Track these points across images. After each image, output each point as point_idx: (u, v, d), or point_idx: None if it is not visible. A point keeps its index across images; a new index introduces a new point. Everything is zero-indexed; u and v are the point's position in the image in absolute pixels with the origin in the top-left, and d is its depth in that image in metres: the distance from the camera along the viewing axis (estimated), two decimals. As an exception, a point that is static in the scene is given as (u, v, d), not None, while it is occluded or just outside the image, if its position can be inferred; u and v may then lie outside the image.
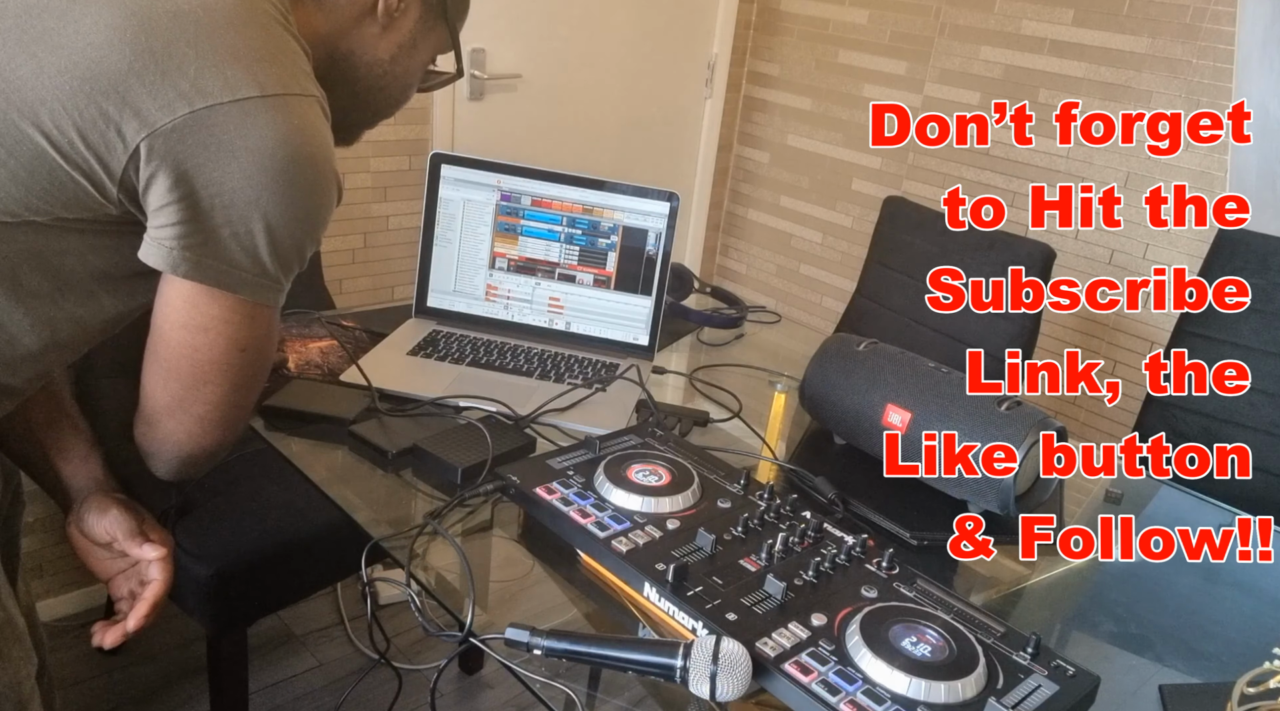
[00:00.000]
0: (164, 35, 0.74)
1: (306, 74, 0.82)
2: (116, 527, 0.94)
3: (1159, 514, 1.32)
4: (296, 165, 0.78)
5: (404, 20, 0.92)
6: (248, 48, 0.77)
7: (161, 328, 0.83)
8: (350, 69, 0.91)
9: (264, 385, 0.92)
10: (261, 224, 0.79)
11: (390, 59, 0.93)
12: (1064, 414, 2.54)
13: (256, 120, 0.76)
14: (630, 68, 2.85)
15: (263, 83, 0.76)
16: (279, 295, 0.85)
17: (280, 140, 0.77)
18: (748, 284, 3.31)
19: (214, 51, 0.75)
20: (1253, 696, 0.86)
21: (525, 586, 1.00)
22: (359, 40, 0.90)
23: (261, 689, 1.95)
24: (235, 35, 0.77)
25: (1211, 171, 2.21)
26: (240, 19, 0.78)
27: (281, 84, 0.78)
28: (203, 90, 0.74)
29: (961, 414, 1.12)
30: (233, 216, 0.78)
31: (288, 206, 0.79)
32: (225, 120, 0.75)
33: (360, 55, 0.91)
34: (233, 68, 0.76)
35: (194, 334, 0.82)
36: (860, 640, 0.83)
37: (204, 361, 0.84)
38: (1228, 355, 1.69)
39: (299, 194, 0.79)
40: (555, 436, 1.24)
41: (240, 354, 0.85)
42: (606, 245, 1.51)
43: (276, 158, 0.77)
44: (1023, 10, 2.47)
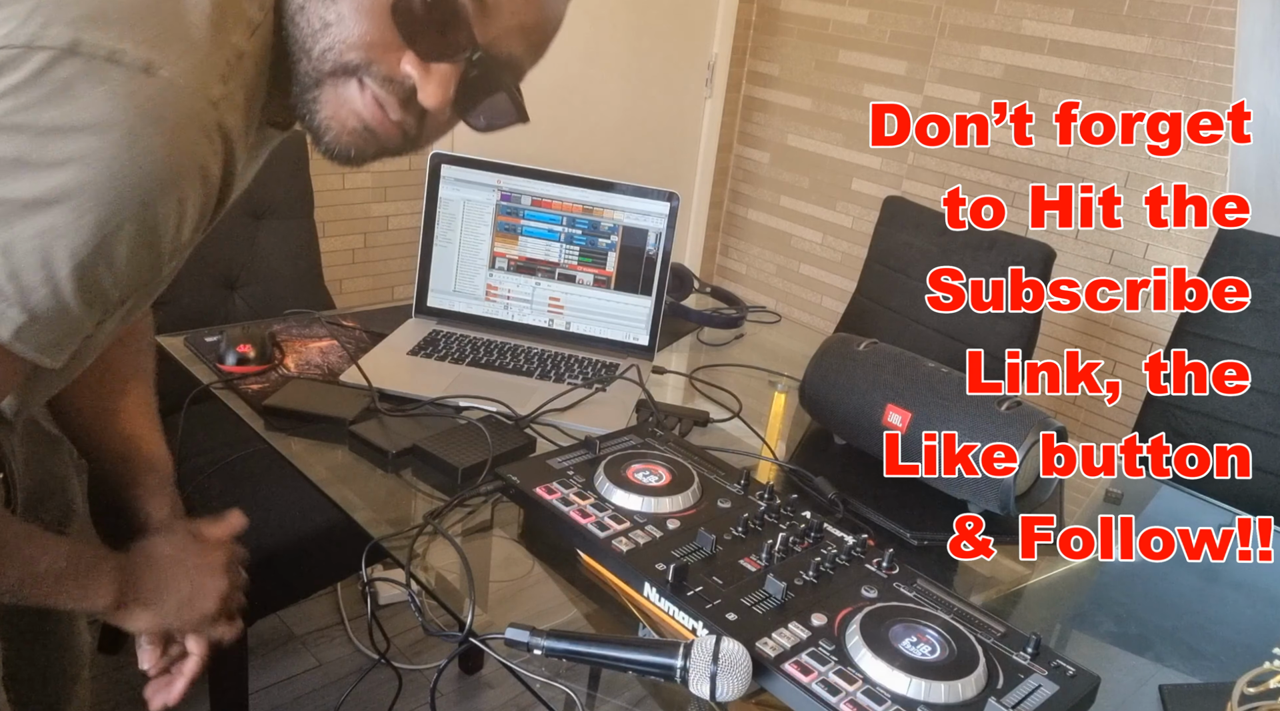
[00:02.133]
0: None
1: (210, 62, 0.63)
2: None
3: (1159, 514, 1.32)
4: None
5: None
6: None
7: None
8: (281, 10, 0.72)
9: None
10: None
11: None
12: (1064, 414, 2.54)
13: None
14: (630, 68, 2.85)
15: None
16: (11, 325, 0.62)
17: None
18: (748, 284, 3.31)
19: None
20: (1253, 696, 0.86)
21: (525, 586, 1.00)
22: None
23: (261, 689, 1.95)
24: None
25: (1211, 171, 2.21)
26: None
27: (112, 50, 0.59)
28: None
29: (961, 414, 1.12)
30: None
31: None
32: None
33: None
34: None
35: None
36: (860, 640, 0.83)
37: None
38: (1228, 355, 1.69)
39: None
40: (555, 436, 1.24)
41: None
42: (606, 245, 1.51)
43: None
44: (1023, 10, 2.47)
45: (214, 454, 1.67)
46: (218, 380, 1.30)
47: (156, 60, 0.60)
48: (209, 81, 0.63)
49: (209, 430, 1.70)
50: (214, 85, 0.64)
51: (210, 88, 0.63)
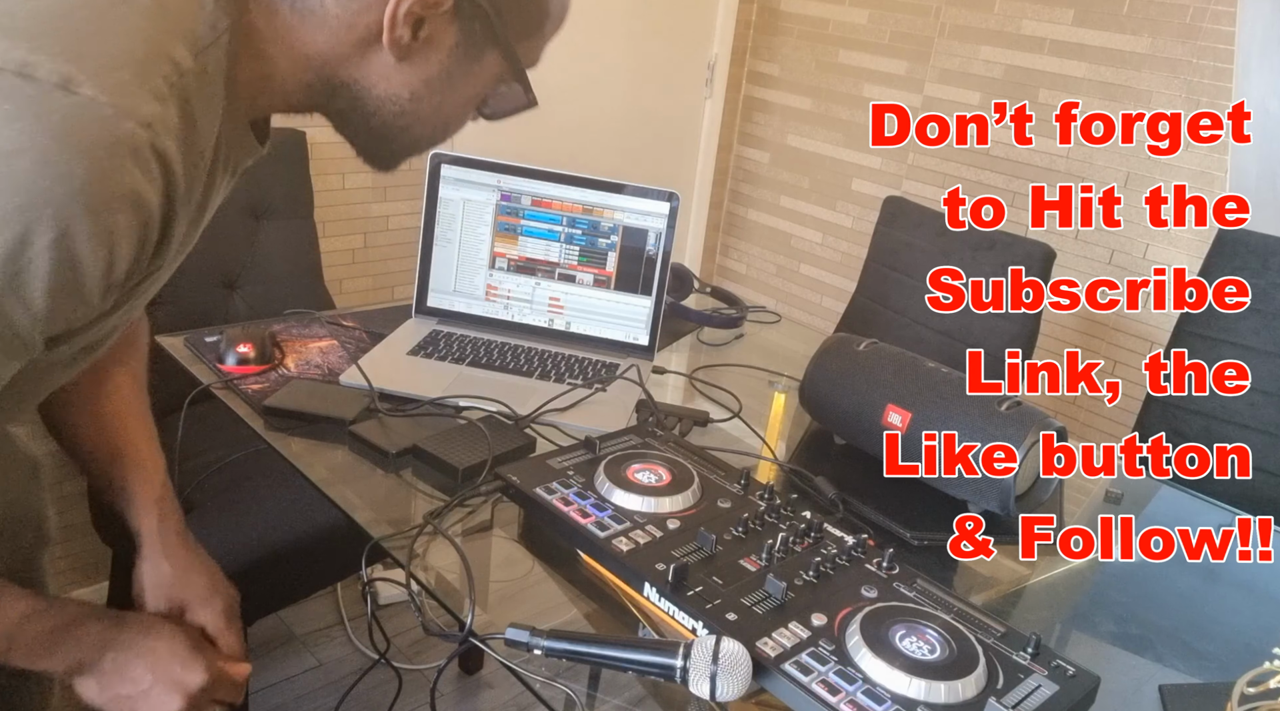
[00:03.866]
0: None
1: (136, 75, 0.58)
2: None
3: (1159, 514, 1.32)
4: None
5: (429, 52, 0.71)
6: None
7: None
8: (357, 102, 0.73)
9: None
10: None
11: (411, 96, 0.72)
12: (1064, 414, 2.54)
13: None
14: (630, 68, 2.85)
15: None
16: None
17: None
18: (748, 284, 3.31)
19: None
20: (1253, 696, 0.86)
21: (525, 586, 1.00)
22: (364, 71, 0.71)
23: (261, 689, 1.95)
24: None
25: (1211, 171, 2.21)
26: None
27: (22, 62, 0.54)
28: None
29: (961, 414, 1.12)
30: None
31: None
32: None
33: (368, 88, 0.72)
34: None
35: None
36: (860, 640, 0.83)
37: None
38: (1228, 355, 1.69)
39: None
40: (555, 436, 1.24)
41: None
42: (606, 245, 1.51)
43: None
44: (1023, 10, 2.47)
45: (214, 454, 1.67)
46: (218, 380, 1.30)
47: (76, 76, 0.54)
48: (139, 100, 0.57)
49: (209, 430, 1.70)
50: (145, 104, 0.57)
51: (139, 107, 0.57)
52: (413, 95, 0.73)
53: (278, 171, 2.00)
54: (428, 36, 0.70)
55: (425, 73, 0.72)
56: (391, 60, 0.70)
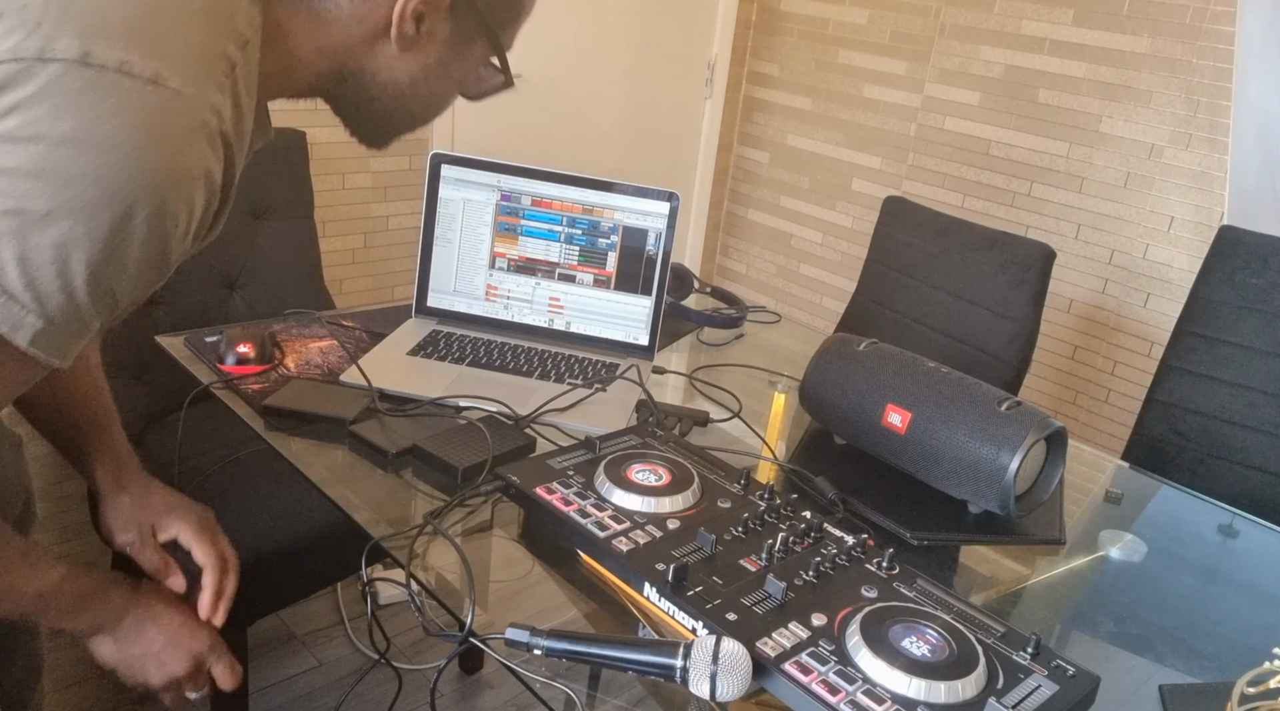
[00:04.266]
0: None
1: (205, 68, 0.66)
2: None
3: (1159, 513, 1.32)
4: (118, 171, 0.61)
5: (428, 43, 0.80)
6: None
7: None
8: (361, 88, 0.81)
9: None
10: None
11: (411, 82, 0.81)
12: (1064, 414, 2.54)
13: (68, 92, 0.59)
14: (630, 68, 2.85)
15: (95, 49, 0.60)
16: (29, 331, 0.63)
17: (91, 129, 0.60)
18: (748, 284, 3.31)
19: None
20: (1253, 696, 0.86)
21: (525, 586, 1.00)
22: (371, 59, 0.79)
23: (261, 689, 1.95)
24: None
25: (1211, 171, 2.21)
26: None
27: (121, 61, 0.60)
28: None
29: (961, 414, 1.12)
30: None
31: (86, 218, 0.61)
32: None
33: (373, 75, 0.80)
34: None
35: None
36: (860, 640, 0.83)
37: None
38: (1228, 355, 1.69)
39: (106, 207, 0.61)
40: (555, 436, 1.24)
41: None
42: (606, 245, 1.51)
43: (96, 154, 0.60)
44: (1023, 10, 2.47)
45: (214, 454, 1.67)
46: (218, 380, 1.30)
47: (163, 72, 0.62)
48: (210, 91, 0.65)
49: (209, 430, 1.70)
50: (214, 95, 0.66)
51: (211, 97, 0.65)
52: (412, 81, 0.82)
53: (278, 171, 2.00)
54: (428, 30, 0.79)
55: (424, 61, 0.81)
56: (395, 51, 0.79)
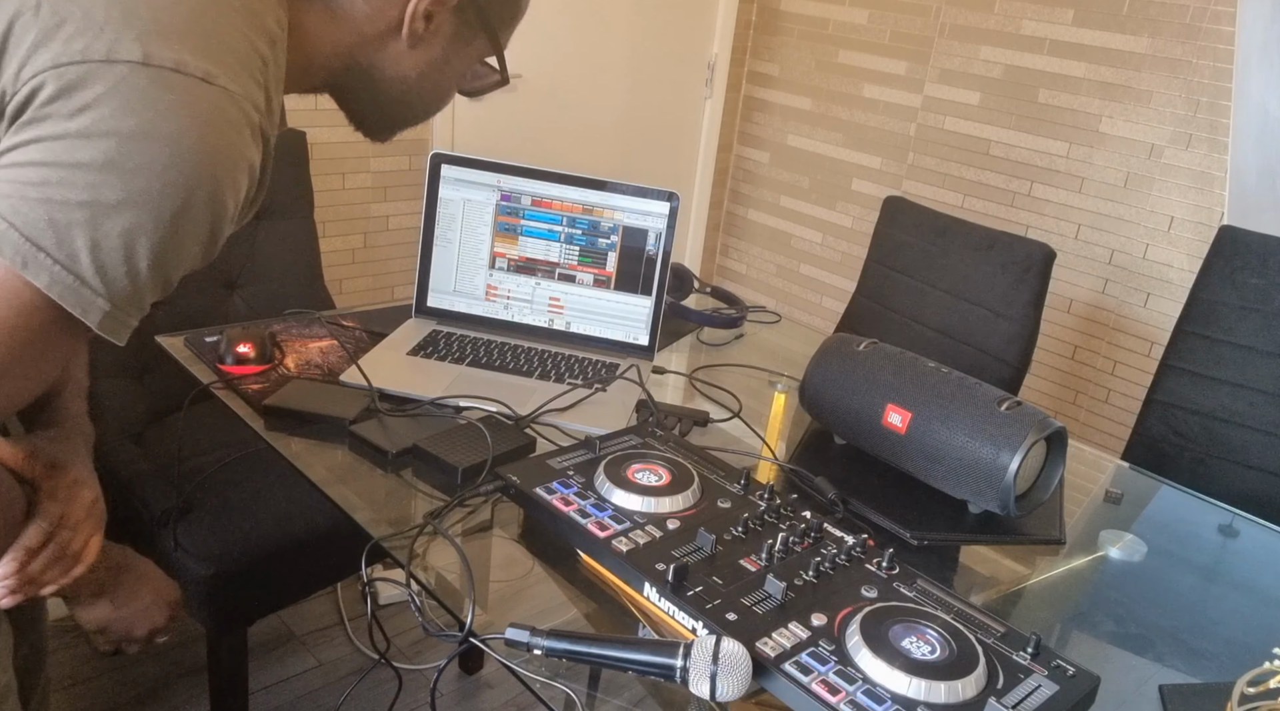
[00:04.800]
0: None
1: (243, 64, 0.70)
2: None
3: (1159, 513, 1.32)
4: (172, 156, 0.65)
5: (434, 38, 0.85)
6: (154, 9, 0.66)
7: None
8: (370, 82, 0.86)
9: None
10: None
11: (418, 76, 0.86)
12: (1064, 414, 2.54)
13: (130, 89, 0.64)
14: (630, 68, 2.85)
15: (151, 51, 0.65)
16: (99, 314, 0.66)
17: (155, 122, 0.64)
18: (748, 284, 3.31)
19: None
20: (1253, 696, 0.86)
21: (525, 586, 1.00)
22: (381, 55, 0.84)
23: (261, 689, 1.95)
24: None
25: (1211, 171, 2.21)
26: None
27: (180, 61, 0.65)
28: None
29: (961, 414, 1.12)
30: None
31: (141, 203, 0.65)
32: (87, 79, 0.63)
33: (382, 69, 0.85)
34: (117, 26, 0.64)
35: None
36: (860, 640, 0.83)
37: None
38: (1228, 355, 1.69)
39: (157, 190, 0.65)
40: (555, 436, 1.24)
41: None
42: (606, 245, 1.51)
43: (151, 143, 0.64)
44: (1023, 10, 2.47)
45: (214, 454, 1.67)
46: (218, 380, 1.30)
47: (213, 70, 0.67)
48: (251, 88, 0.70)
49: (209, 430, 1.71)
50: (255, 91, 0.71)
51: (254, 93, 0.70)
52: (419, 75, 0.86)
53: (278, 171, 2.00)
54: (435, 27, 0.83)
55: (429, 56, 0.85)
56: (404, 47, 0.83)
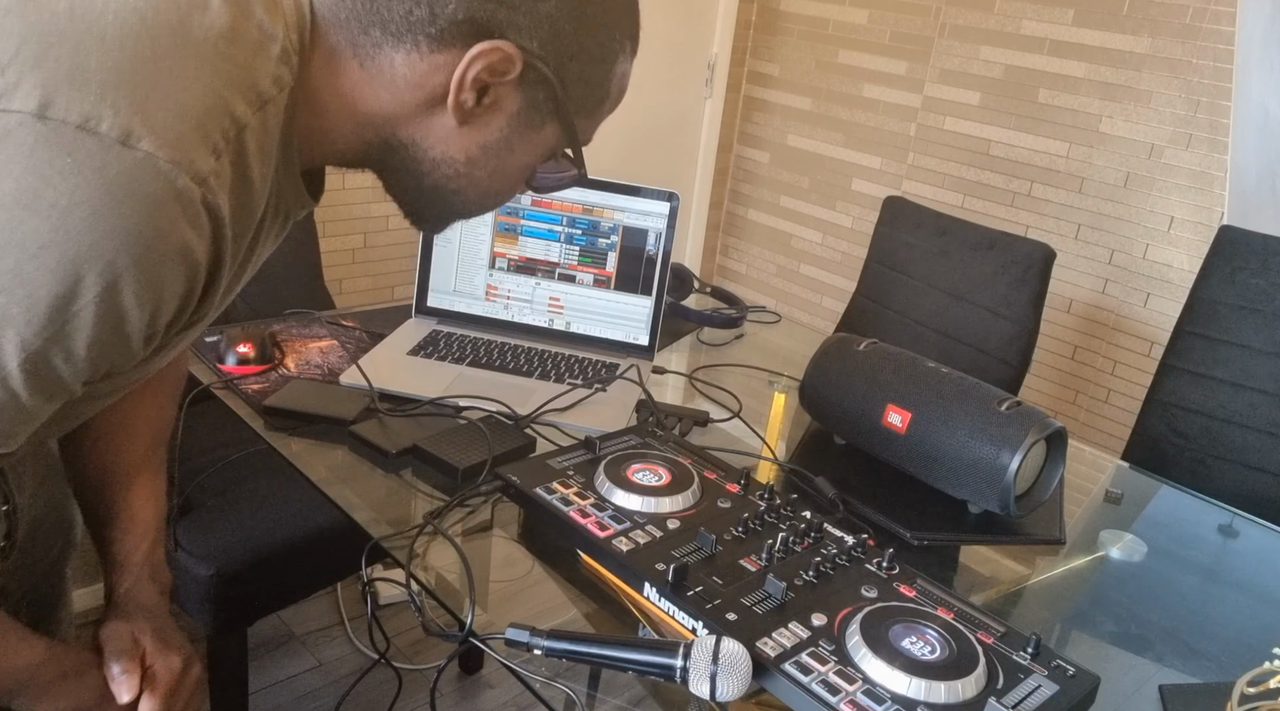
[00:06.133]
0: None
1: (201, 130, 0.58)
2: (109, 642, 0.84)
3: (1159, 513, 1.32)
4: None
5: (491, 118, 0.71)
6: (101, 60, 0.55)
7: None
8: (411, 162, 0.73)
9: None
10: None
11: (467, 161, 0.72)
12: (1064, 414, 2.54)
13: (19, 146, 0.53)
14: (630, 68, 2.85)
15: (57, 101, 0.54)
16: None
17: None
18: (748, 284, 3.31)
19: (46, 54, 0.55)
20: (1253, 696, 0.86)
21: (525, 586, 1.00)
22: (424, 132, 0.71)
23: (261, 689, 1.95)
24: (104, 47, 0.55)
25: (1211, 171, 2.21)
26: (133, 32, 0.56)
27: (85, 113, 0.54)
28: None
29: (961, 414, 1.12)
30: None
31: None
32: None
33: (426, 150, 0.72)
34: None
35: None
36: (860, 640, 0.83)
37: None
38: (1228, 355, 1.69)
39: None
40: (555, 436, 1.24)
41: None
42: (606, 245, 1.51)
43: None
44: (1023, 10, 2.47)
45: (214, 454, 1.67)
46: (218, 380, 1.30)
47: (136, 130, 0.54)
48: (197, 156, 0.57)
49: (209, 430, 1.70)
50: (201, 159, 0.57)
51: (196, 162, 0.57)
52: (469, 159, 0.73)
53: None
54: (491, 102, 0.70)
55: (484, 138, 0.72)
56: (453, 124, 0.70)
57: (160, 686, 0.85)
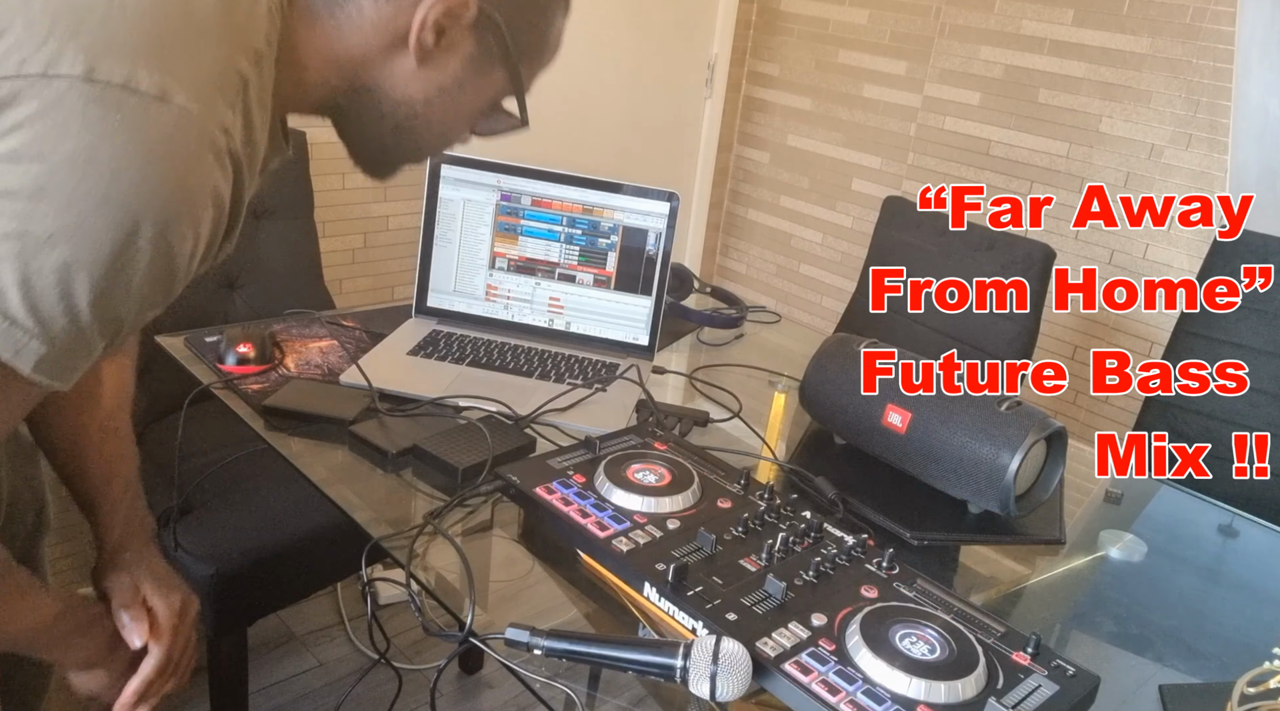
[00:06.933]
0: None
1: (218, 86, 0.64)
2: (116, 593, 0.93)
3: (1159, 513, 1.32)
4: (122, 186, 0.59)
5: (447, 60, 0.76)
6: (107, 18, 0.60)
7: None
8: (373, 104, 0.78)
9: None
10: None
11: (425, 101, 0.78)
12: (1064, 414, 2.54)
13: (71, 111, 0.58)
14: (630, 68, 2.85)
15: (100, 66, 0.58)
16: (32, 357, 0.62)
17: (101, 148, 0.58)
18: (748, 284, 3.31)
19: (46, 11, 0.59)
20: (1253, 696, 0.86)
21: (525, 586, 1.00)
22: (387, 74, 0.76)
23: (261, 689, 1.95)
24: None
25: (1211, 172, 2.21)
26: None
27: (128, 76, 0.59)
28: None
29: (961, 414, 1.12)
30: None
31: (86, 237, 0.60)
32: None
33: (387, 91, 0.77)
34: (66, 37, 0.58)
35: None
36: (860, 640, 0.83)
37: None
38: (1228, 355, 1.69)
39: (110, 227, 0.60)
40: (555, 436, 1.24)
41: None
42: (606, 245, 1.51)
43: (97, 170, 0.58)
44: (1023, 10, 2.47)
45: (214, 454, 1.67)
46: (218, 380, 1.30)
47: (171, 88, 0.60)
48: (220, 108, 0.64)
49: (209, 430, 1.70)
50: (224, 112, 0.64)
51: (221, 114, 0.64)
52: (426, 100, 0.78)
53: (278, 171, 1.98)
54: (448, 45, 0.75)
55: (441, 79, 0.77)
56: (413, 65, 0.75)
57: (165, 626, 0.94)
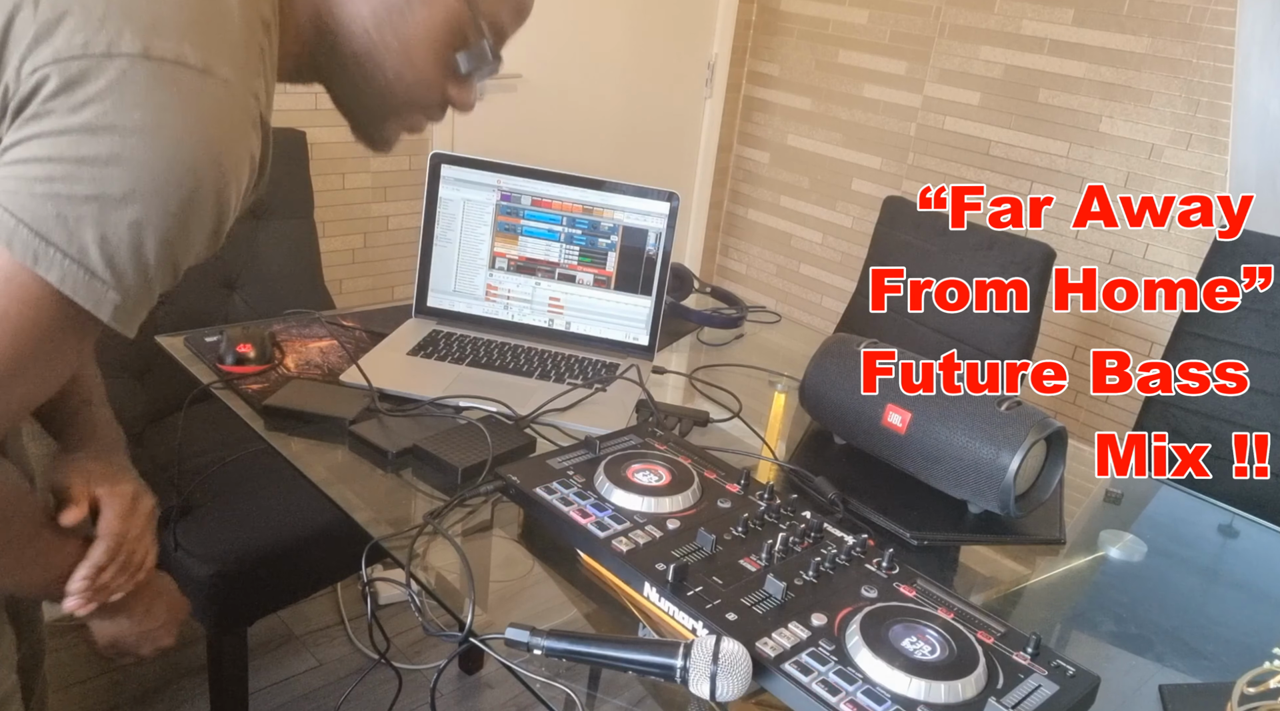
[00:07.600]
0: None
1: (233, 46, 0.69)
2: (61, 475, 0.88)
3: (1158, 513, 1.32)
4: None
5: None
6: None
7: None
8: (338, 47, 0.79)
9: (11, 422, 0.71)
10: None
11: (375, 24, 0.78)
12: (1064, 414, 2.54)
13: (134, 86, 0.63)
14: (630, 68, 2.85)
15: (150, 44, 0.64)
16: (110, 307, 0.67)
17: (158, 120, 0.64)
18: (748, 284, 3.31)
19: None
20: (1253, 696, 0.86)
21: (525, 586, 1.00)
22: (340, 5, 0.78)
23: (261, 689, 1.95)
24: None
25: (1212, 171, 2.21)
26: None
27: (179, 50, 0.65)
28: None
29: (961, 414, 1.12)
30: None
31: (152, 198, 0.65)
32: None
33: (344, 23, 0.78)
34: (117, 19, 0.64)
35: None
36: (860, 640, 0.83)
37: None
38: (1228, 355, 1.69)
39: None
40: (555, 436, 1.24)
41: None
42: (606, 245, 1.51)
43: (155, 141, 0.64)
44: (1023, 10, 2.47)
45: (214, 454, 1.67)
46: (218, 380, 1.30)
47: (212, 62, 0.66)
48: (251, 78, 0.70)
49: (209, 430, 1.71)
50: (255, 80, 0.70)
51: (253, 83, 0.70)
52: (376, 22, 0.79)
53: (278, 171, 2.00)
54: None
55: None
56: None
57: (112, 514, 0.88)
